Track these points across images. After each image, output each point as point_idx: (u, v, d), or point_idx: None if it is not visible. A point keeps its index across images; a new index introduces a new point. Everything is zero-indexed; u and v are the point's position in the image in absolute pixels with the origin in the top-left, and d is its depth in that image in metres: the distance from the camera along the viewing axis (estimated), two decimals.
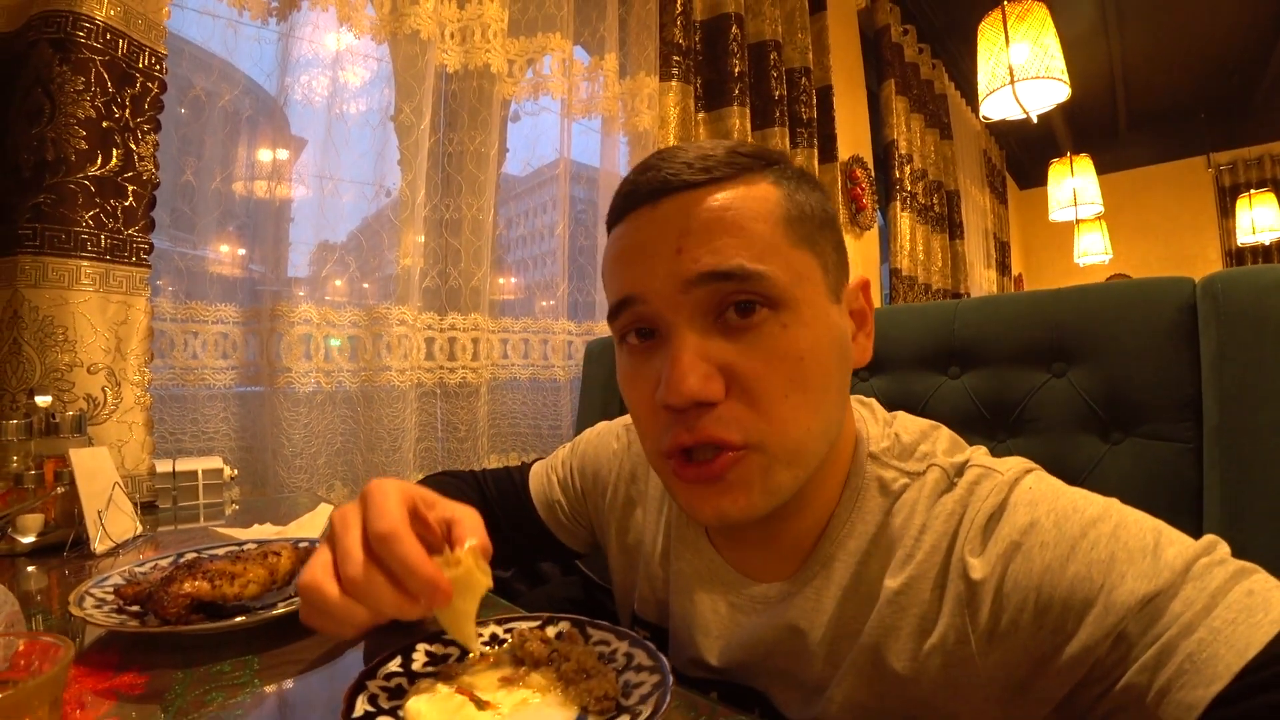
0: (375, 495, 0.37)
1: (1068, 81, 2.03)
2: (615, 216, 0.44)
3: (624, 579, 0.60)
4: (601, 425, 0.68)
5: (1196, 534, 0.36)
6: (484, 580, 0.40)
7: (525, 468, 0.71)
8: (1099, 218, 4.22)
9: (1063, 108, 2.22)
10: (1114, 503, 0.38)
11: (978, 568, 0.38)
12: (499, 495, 0.68)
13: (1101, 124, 5.06)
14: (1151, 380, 0.70)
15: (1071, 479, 0.72)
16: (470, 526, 0.40)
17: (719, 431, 0.39)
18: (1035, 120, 2.12)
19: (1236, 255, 4.98)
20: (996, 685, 0.37)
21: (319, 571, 0.36)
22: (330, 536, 0.38)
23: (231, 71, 1.21)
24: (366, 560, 0.36)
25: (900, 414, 0.49)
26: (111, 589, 0.54)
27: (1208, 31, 3.71)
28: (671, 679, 0.37)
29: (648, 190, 0.41)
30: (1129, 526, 0.36)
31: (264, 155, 1.26)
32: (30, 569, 0.70)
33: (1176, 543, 0.34)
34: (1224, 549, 0.34)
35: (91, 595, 0.53)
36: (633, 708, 0.37)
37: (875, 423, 0.48)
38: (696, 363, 0.39)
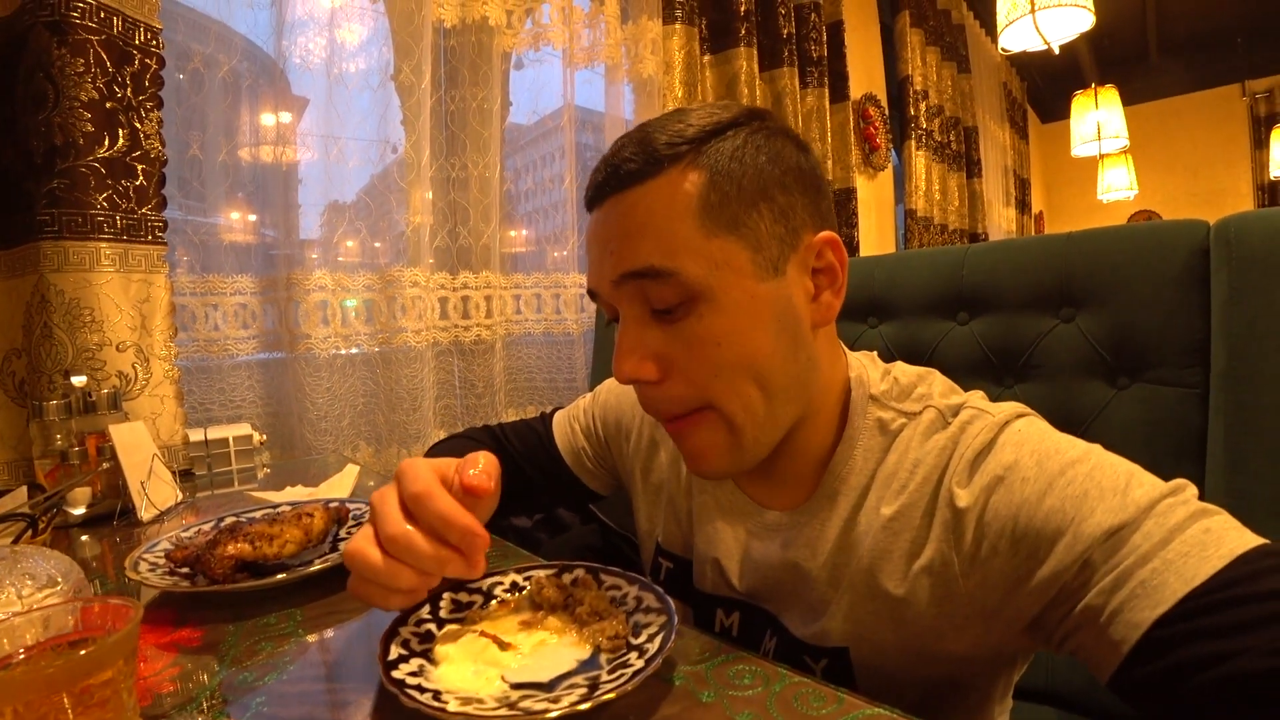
0: (407, 468, 0.41)
1: (1092, 9, 1.92)
2: (586, 205, 0.49)
3: (649, 516, 0.64)
4: None
5: (1199, 480, 0.37)
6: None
7: (546, 418, 0.74)
8: (1124, 151, 4.05)
9: (1089, 34, 2.11)
10: (1095, 448, 0.41)
11: (963, 497, 0.42)
12: (522, 447, 0.72)
13: (1130, 51, 4.79)
14: (1161, 325, 0.70)
15: (1077, 424, 0.74)
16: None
17: (662, 406, 0.46)
18: (1057, 51, 2.02)
19: (1270, 190, 4.74)
20: (976, 604, 0.42)
21: (361, 540, 0.40)
22: (371, 513, 0.41)
23: (229, 35, 1.19)
24: (405, 519, 0.39)
25: (897, 363, 0.52)
26: (162, 554, 0.58)
27: None
28: (676, 619, 0.40)
29: (595, 190, 0.46)
30: (1105, 469, 0.38)
31: (267, 120, 1.25)
32: (84, 538, 0.75)
33: (1146, 484, 0.37)
34: (1191, 491, 0.37)
35: (145, 560, 0.57)
36: (641, 646, 0.40)
37: (875, 368, 0.51)
38: (632, 349, 0.45)
